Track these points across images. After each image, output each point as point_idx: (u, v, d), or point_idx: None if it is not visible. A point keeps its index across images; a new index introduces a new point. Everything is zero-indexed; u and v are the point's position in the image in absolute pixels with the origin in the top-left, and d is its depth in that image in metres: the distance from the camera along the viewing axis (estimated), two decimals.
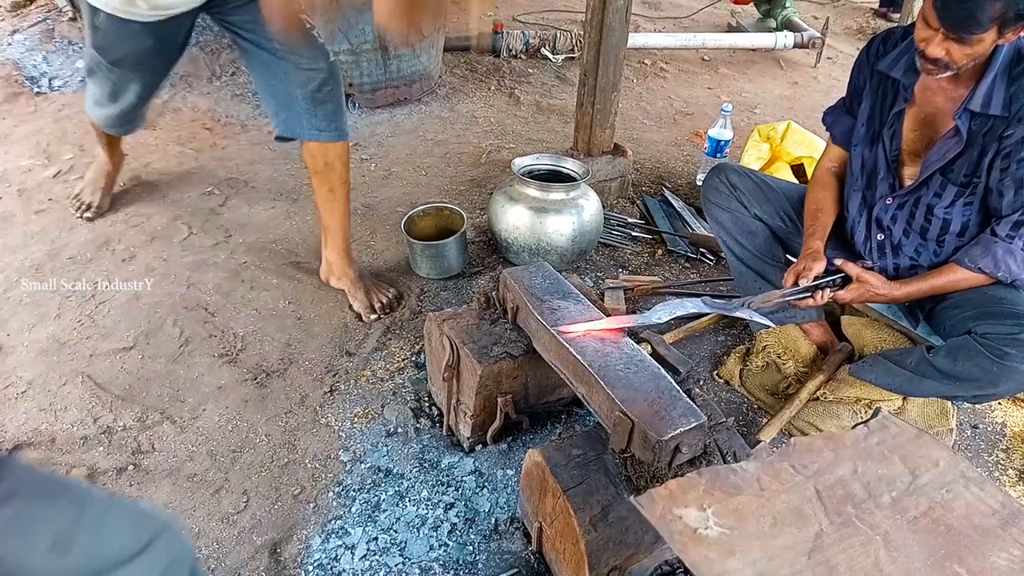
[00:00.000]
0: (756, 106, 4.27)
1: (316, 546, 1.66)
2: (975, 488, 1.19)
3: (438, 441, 1.94)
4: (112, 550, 0.91)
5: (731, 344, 2.36)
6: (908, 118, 1.86)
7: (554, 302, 1.68)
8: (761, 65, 4.87)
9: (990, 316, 1.77)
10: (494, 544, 1.68)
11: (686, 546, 1.04)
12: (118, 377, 2.09)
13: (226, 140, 3.41)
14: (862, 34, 5.63)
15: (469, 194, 3.12)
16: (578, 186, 2.50)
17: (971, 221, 1.83)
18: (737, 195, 2.16)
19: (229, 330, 2.28)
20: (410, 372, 2.15)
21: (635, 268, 2.70)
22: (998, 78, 1.66)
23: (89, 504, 0.92)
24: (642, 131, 3.85)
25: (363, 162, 3.31)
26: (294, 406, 2.04)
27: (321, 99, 2.09)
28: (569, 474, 1.44)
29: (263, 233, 2.76)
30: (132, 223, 2.76)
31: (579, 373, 1.52)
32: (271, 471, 1.85)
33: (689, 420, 1.33)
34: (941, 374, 1.85)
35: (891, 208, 1.93)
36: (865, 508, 1.14)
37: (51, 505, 0.87)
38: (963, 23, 1.53)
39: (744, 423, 2.08)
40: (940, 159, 1.78)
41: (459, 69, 4.31)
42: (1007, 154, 1.68)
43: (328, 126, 2.13)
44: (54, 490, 0.89)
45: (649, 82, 4.50)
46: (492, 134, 3.68)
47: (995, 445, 2.06)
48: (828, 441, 1.27)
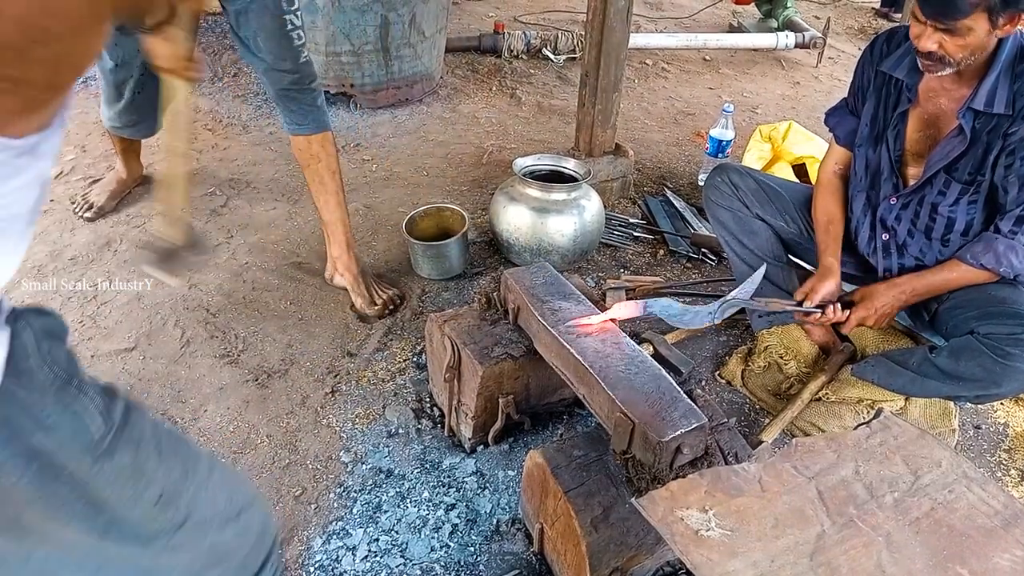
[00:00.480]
0: (757, 106, 4.27)
1: (317, 547, 1.66)
2: (977, 489, 1.19)
3: (439, 442, 1.93)
4: (209, 513, 0.95)
5: (733, 344, 2.36)
6: (912, 118, 1.85)
7: (555, 303, 1.68)
8: (762, 65, 4.87)
9: (993, 316, 1.77)
10: (495, 545, 1.68)
11: (688, 547, 1.04)
12: (119, 378, 2.09)
13: (228, 141, 3.41)
14: (863, 34, 5.62)
15: (470, 195, 3.12)
16: (579, 186, 2.50)
17: (976, 219, 1.83)
18: (739, 195, 2.16)
19: (230, 331, 2.28)
20: (411, 373, 2.15)
21: (637, 268, 2.69)
22: (1001, 76, 1.66)
23: (198, 463, 0.95)
24: (644, 131, 3.84)
25: (364, 163, 3.31)
26: (295, 407, 2.04)
27: (292, 96, 2.12)
28: (570, 475, 1.44)
29: (265, 234, 2.76)
30: (134, 224, 2.76)
31: (580, 374, 1.52)
32: (272, 472, 1.85)
33: (690, 421, 1.33)
34: (944, 374, 1.85)
35: (895, 208, 1.93)
36: (867, 509, 1.14)
37: (165, 460, 0.88)
38: (943, 9, 1.53)
39: (746, 424, 2.08)
40: (944, 158, 1.77)
41: (460, 70, 4.31)
42: (1011, 151, 1.68)
43: (304, 120, 2.17)
44: (171, 445, 0.91)
45: (651, 82, 4.49)
46: (493, 134, 3.68)
47: (997, 445, 2.06)
48: (830, 442, 1.27)
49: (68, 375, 0.77)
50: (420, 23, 3.55)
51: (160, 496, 0.87)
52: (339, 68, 3.52)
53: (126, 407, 0.83)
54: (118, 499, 0.83)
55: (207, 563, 0.97)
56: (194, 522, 0.92)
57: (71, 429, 0.77)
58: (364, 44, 3.46)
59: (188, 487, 0.91)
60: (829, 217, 2.05)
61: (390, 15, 3.42)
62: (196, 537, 0.93)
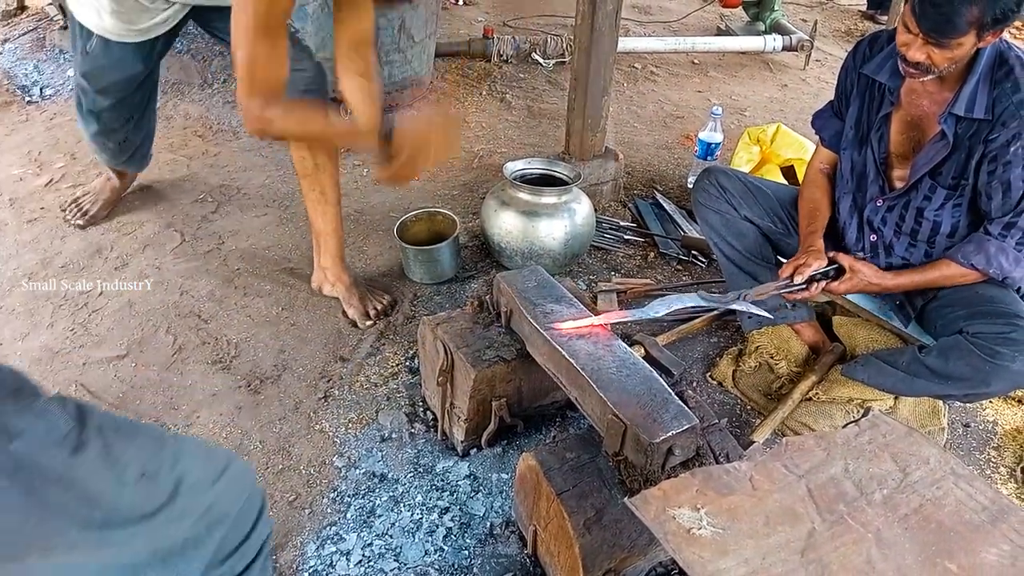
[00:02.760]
0: (746, 109, 4.29)
1: (311, 552, 1.66)
2: (965, 485, 1.20)
3: (433, 446, 1.94)
4: (194, 477, 0.97)
5: (724, 346, 2.37)
6: (895, 121, 1.88)
7: (547, 306, 1.69)
8: (750, 68, 4.90)
9: (981, 316, 1.79)
10: (489, 548, 1.68)
11: (680, 546, 1.05)
12: (112, 385, 2.09)
13: (218, 147, 3.41)
14: (850, 36, 5.66)
15: (462, 199, 3.12)
16: (570, 190, 2.51)
17: (960, 223, 1.85)
18: (727, 197, 2.18)
19: (222, 337, 2.28)
20: (404, 377, 2.16)
21: (628, 271, 2.71)
22: (980, 82, 1.68)
23: (164, 439, 0.98)
24: (633, 135, 3.86)
25: (355, 167, 3.31)
26: (288, 412, 2.04)
27: (311, 97, 2.08)
28: (563, 477, 1.44)
29: (256, 240, 2.76)
30: (124, 231, 2.76)
31: (572, 376, 1.53)
32: (266, 478, 1.85)
33: (681, 422, 1.34)
34: (933, 373, 1.86)
35: (881, 210, 1.95)
36: (857, 506, 1.15)
37: (133, 440, 0.92)
38: (941, 27, 1.55)
39: (738, 424, 2.09)
40: (928, 163, 1.80)
41: (450, 74, 4.32)
42: (993, 157, 1.70)
43: None
44: (131, 428, 0.94)
45: (640, 86, 4.52)
46: (484, 139, 3.69)
47: (987, 443, 2.08)
48: (819, 440, 1.29)
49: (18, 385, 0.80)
50: (410, 28, 3.56)
51: (142, 473, 0.89)
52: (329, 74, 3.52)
53: (78, 404, 0.87)
54: (104, 487, 0.85)
55: (210, 524, 0.99)
56: (187, 486, 0.94)
57: (43, 429, 0.79)
58: None
59: (166, 457, 0.94)
60: (814, 205, 2.08)
61: (380, 20, 3.40)
62: (193, 501, 0.96)
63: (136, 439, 0.93)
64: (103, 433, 0.87)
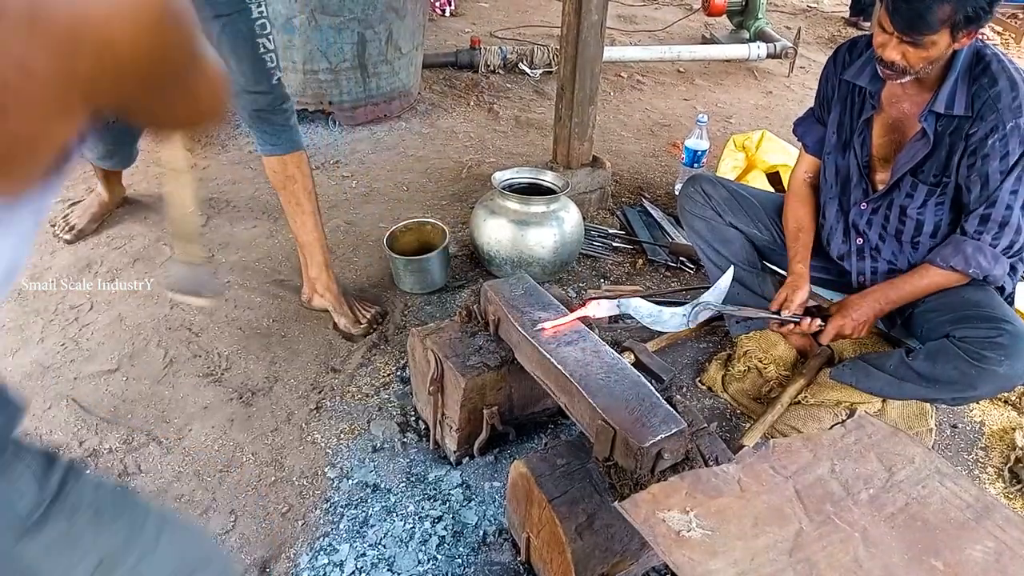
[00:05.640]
0: (731, 116, 4.33)
1: (304, 563, 1.66)
2: (950, 483, 1.22)
3: (425, 455, 1.94)
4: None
5: (713, 351, 2.39)
6: (877, 125, 1.90)
7: (535, 313, 1.70)
8: (735, 76, 4.95)
9: (967, 320, 1.81)
10: (483, 556, 1.69)
11: (670, 548, 1.06)
12: (103, 400, 2.09)
13: (206, 160, 3.42)
14: (833, 43, 5.72)
15: (451, 209, 3.14)
16: (558, 199, 2.53)
17: (943, 221, 1.87)
18: (712, 204, 2.20)
19: (213, 350, 2.29)
20: (395, 387, 2.16)
21: (617, 278, 2.73)
22: (959, 80, 1.72)
23: (145, 524, 0.89)
24: (620, 143, 3.89)
25: (344, 179, 3.32)
26: (280, 424, 2.04)
27: (265, 117, 2.11)
28: (554, 484, 1.45)
29: (246, 252, 2.77)
30: (114, 245, 2.76)
31: (560, 383, 1.54)
32: (258, 490, 1.85)
33: (670, 427, 1.36)
34: (920, 377, 1.88)
35: (866, 213, 1.98)
36: (843, 506, 1.17)
37: (106, 526, 0.84)
38: (914, 24, 1.58)
39: (728, 429, 2.11)
40: (909, 161, 1.82)
41: (438, 85, 4.35)
42: (973, 151, 1.73)
43: (277, 140, 2.16)
44: (114, 509, 0.86)
45: (626, 95, 4.55)
46: (472, 149, 3.71)
47: (974, 444, 2.10)
48: (806, 442, 1.30)
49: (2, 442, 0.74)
50: (397, 40, 3.58)
51: (99, 564, 0.82)
52: (317, 86, 3.54)
53: (65, 473, 0.80)
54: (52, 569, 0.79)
55: None
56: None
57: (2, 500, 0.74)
58: (341, 62, 3.49)
59: (131, 552, 0.86)
60: (799, 224, 2.09)
61: (367, 32, 3.45)
62: None
63: (112, 525, 0.84)
64: (76, 515, 0.80)
